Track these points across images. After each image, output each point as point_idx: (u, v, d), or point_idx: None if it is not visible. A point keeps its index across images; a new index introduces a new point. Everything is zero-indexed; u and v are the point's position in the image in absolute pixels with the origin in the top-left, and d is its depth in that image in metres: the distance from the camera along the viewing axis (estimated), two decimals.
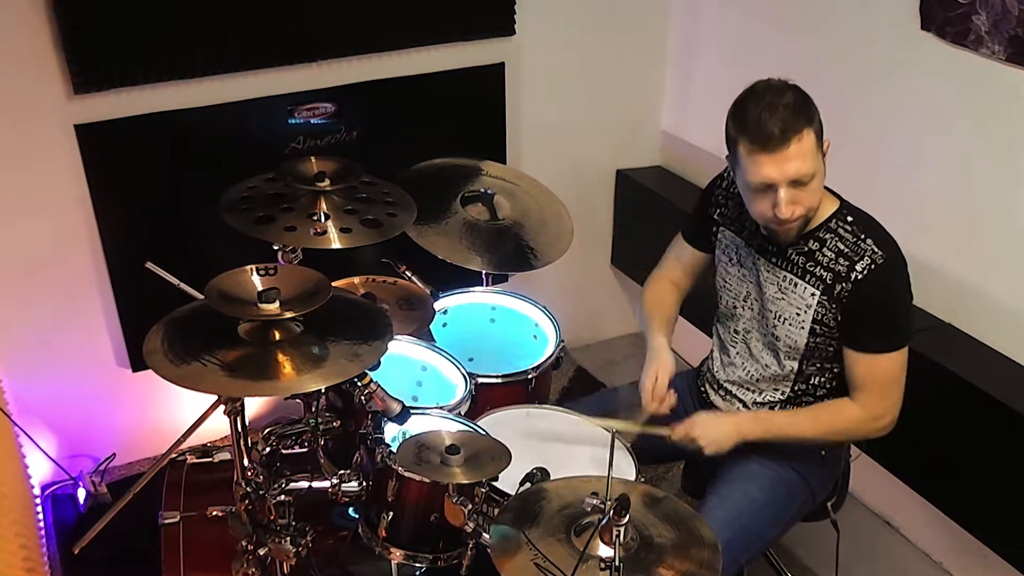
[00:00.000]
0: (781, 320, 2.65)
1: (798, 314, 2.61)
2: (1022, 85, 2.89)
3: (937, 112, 3.16)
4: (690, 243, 2.98)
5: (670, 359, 2.81)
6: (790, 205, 2.44)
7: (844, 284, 2.51)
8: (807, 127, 2.38)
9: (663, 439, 2.72)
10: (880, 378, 2.57)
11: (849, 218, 2.56)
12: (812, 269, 2.57)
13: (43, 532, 3.35)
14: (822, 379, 2.71)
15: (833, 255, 2.53)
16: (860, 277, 2.49)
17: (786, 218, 2.46)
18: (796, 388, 2.73)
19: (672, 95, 4.36)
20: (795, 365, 2.69)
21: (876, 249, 2.50)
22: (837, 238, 2.54)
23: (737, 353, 2.83)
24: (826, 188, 2.59)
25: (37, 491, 3.56)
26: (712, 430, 2.68)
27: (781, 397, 2.76)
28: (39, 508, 3.46)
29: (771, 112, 2.37)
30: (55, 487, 3.69)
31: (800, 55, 3.60)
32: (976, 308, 3.14)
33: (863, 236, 2.52)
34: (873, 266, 2.48)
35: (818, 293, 2.56)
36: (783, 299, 2.64)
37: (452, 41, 3.77)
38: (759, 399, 2.80)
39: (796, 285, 2.60)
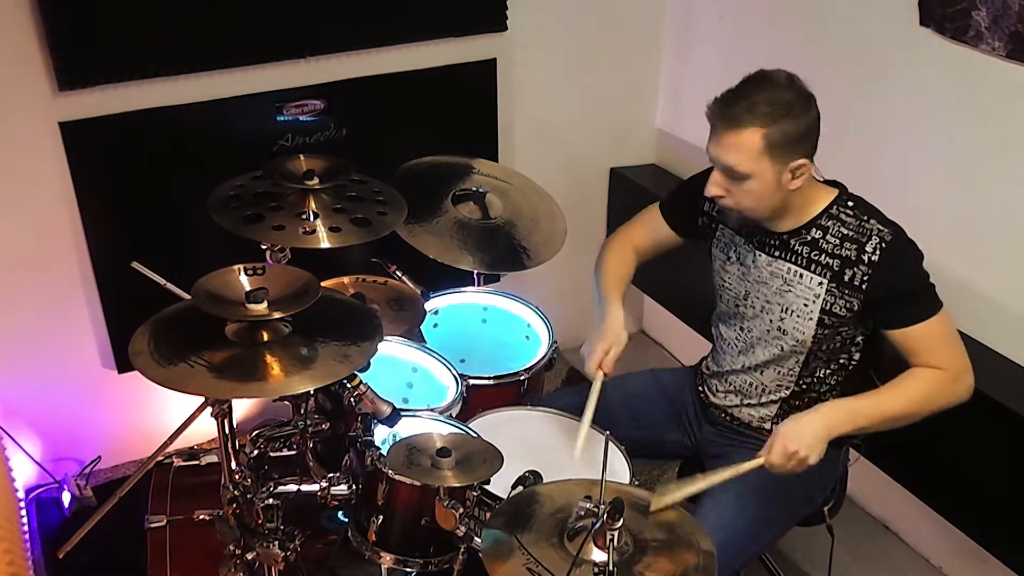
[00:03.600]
0: (789, 313, 2.63)
1: (806, 305, 2.59)
2: (1022, 81, 2.86)
3: (936, 109, 3.14)
4: (667, 221, 2.96)
5: (625, 336, 2.77)
6: (715, 186, 2.52)
7: (857, 268, 2.49)
8: (754, 127, 2.39)
9: (702, 423, 2.76)
10: (940, 338, 2.52)
11: (850, 203, 2.56)
12: (817, 258, 2.55)
13: (27, 536, 3.31)
14: (827, 371, 2.69)
15: (838, 240, 2.52)
16: (875, 258, 2.47)
17: (709, 196, 2.55)
18: (801, 383, 2.71)
19: (667, 92, 4.34)
20: (801, 359, 2.67)
21: (881, 227, 2.49)
22: (840, 223, 2.53)
23: (740, 352, 2.80)
24: (824, 180, 2.61)
25: (21, 495, 3.51)
26: (800, 434, 2.45)
27: (785, 394, 2.74)
28: (23, 512, 3.41)
29: (735, 95, 2.43)
30: (39, 491, 3.66)
31: (797, 51, 3.57)
32: (976, 308, 3.11)
33: (866, 218, 2.51)
34: (883, 244, 2.47)
35: (826, 281, 2.54)
36: (790, 291, 2.61)
37: (443, 37, 3.74)
38: (763, 399, 2.78)
39: (802, 276, 2.58)
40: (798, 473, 2.67)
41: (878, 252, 2.47)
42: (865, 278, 2.49)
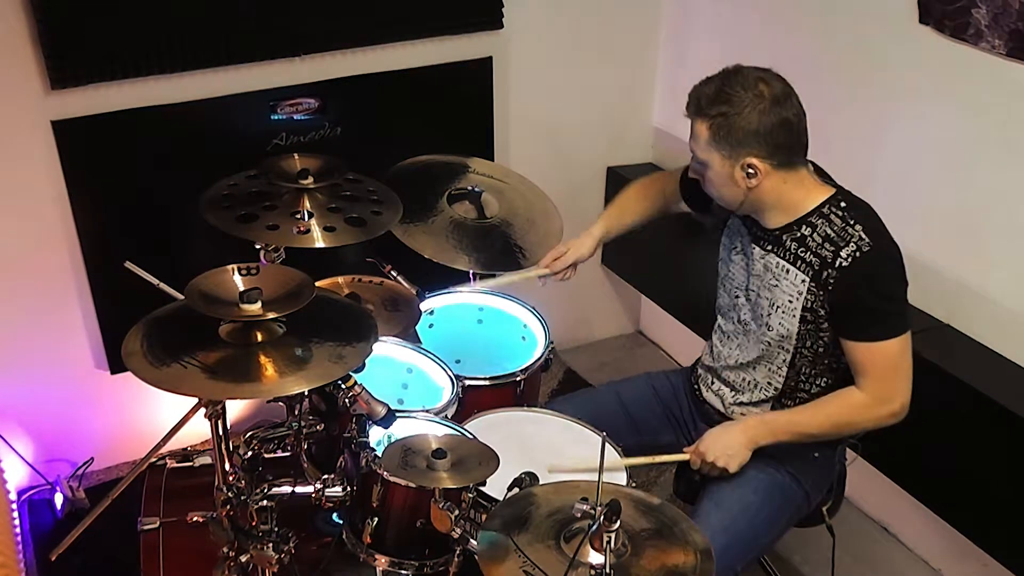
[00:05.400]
0: (774, 308, 2.63)
1: (790, 301, 2.59)
2: (1022, 80, 2.84)
3: (936, 108, 3.13)
4: (681, 184, 3.02)
5: (586, 249, 3.17)
6: (692, 170, 2.67)
7: (830, 270, 2.50)
8: (701, 119, 2.52)
9: (698, 424, 2.83)
10: (880, 364, 2.54)
11: (842, 204, 2.55)
12: (802, 255, 2.55)
13: (19, 538, 3.31)
14: (814, 371, 2.68)
15: (821, 240, 2.52)
16: (845, 264, 2.47)
17: (691, 177, 2.69)
18: (788, 383, 2.70)
19: (664, 90, 4.32)
20: (787, 357, 2.67)
21: (864, 236, 2.48)
22: (827, 223, 2.53)
23: (737, 345, 2.80)
24: (822, 178, 2.62)
25: (13, 496, 3.52)
26: (723, 444, 2.66)
27: (774, 392, 2.73)
28: (15, 514, 3.41)
29: (704, 84, 2.54)
30: (32, 492, 3.65)
31: (795, 48, 3.55)
32: (975, 308, 3.10)
33: (853, 223, 2.51)
34: (858, 253, 2.47)
35: (808, 279, 2.54)
36: (777, 286, 2.62)
37: (438, 35, 3.73)
38: (754, 397, 2.77)
39: (788, 271, 2.59)
40: (794, 474, 2.69)
41: (850, 259, 2.47)
42: (832, 281, 2.50)
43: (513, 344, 3.34)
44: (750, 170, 2.48)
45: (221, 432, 2.30)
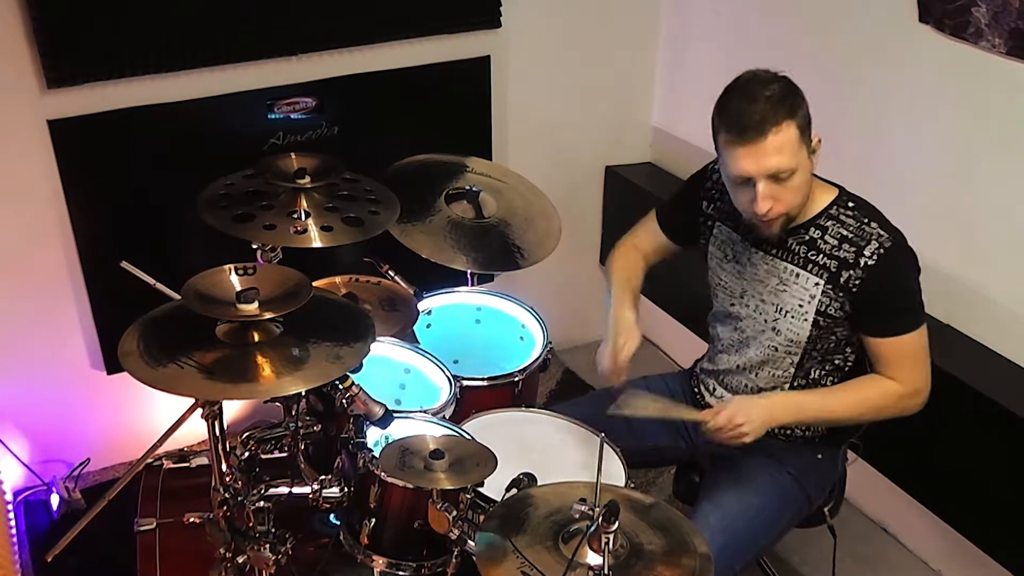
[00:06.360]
0: (783, 313, 2.60)
1: (800, 305, 2.56)
2: (1022, 79, 2.84)
3: (936, 107, 3.12)
4: (664, 229, 2.94)
5: (638, 333, 2.71)
6: (767, 200, 2.40)
7: (853, 271, 2.47)
8: (788, 119, 2.33)
9: (698, 425, 2.67)
10: (910, 354, 2.52)
11: (850, 204, 2.53)
12: (815, 258, 2.53)
13: (15, 539, 3.30)
14: (822, 372, 2.67)
15: (837, 242, 2.49)
16: (871, 263, 2.45)
17: (763, 213, 2.42)
18: (796, 384, 2.69)
19: (663, 89, 4.32)
20: (795, 359, 2.65)
21: (882, 232, 2.46)
22: (839, 224, 2.51)
23: (735, 351, 2.78)
24: (823, 179, 2.58)
25: (9, 497, 3.50)
26: (753, 417, 2.53)
27: None
28: (11, 515, 3.40)
29: (750, 102, 2.34)
30: (27, 493, 3.64)
31: (795, 47, 3.55)
32: (975, 308, 3.10)
33: (867, 220, 2.49)
34: (882, 250, 2.45)
35: (822, 283, 2.52)
36: (785, 291, 2.59)
37: (436, 34, 3.72)
38: None
39: (798, 276, 2.56)
40: (796, 476, 2.67)
41: (876, 256, 2.45)
42: (857, 281, 2.47)
43: (511, 344, 3.33)
44: (817, 147, 2.43)
45: (218, 433, 2.30)
